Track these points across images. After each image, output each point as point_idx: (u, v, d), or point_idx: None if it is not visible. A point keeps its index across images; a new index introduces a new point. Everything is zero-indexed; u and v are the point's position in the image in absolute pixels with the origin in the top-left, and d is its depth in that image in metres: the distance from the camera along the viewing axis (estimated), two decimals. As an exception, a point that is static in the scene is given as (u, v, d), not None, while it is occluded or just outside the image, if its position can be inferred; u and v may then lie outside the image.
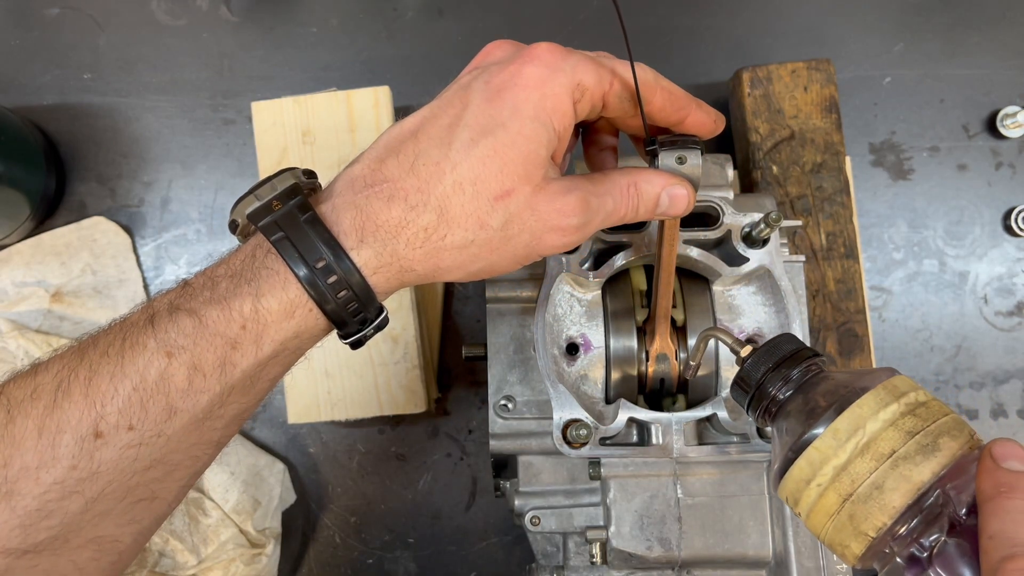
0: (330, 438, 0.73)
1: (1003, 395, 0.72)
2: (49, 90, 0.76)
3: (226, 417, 0.39)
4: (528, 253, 0.41)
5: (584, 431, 0.48)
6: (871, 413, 0.37)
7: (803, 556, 0.49)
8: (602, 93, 0.41)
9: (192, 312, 0.37)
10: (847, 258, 0.67)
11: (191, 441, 0.38)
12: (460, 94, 0.40)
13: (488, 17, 0.76)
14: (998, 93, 0.74)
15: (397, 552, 0.72)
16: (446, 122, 0.39)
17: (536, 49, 0.40)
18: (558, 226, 0.40)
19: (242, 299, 0.37)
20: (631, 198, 0.42)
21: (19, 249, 0.72)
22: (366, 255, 0.38)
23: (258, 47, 0.76)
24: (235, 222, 0.41)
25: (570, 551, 0.54)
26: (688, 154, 0.42)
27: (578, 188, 0.40)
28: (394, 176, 0.39)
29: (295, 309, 0.38)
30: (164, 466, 0.38)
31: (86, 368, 0.36)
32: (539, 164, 0.39)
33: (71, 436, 0.35)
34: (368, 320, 0.40)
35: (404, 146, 0.39)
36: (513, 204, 0.39)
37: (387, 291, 0.40)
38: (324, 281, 0.38)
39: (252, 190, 0.40)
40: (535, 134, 0.38)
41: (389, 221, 0.38)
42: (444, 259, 0.39)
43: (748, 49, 0.75)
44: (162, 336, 0.37)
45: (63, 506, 0.36)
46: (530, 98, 0.39)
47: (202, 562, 0.66)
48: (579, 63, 0.40)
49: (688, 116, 0.43)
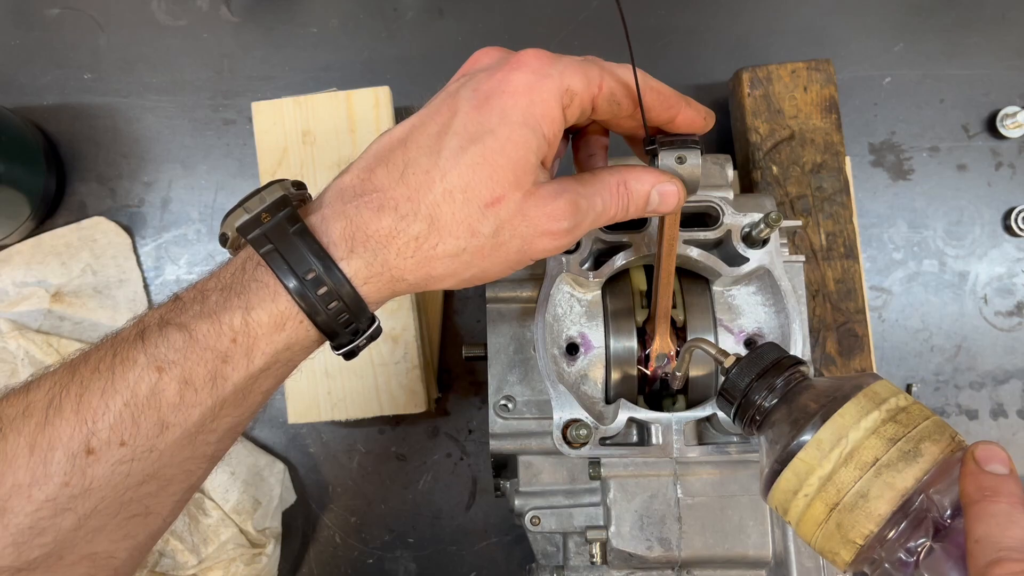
0: (330, 438, 0.73)
1: (1003, 395, 0.72)
2: (49, 90, 0.76)
3: (219, 431, 0.39)
4: (520, 258, 0.41)
5: (584, 431, 0.48)
6: (853, 422, 0.37)
7: (803, 556, 0.50)
8: (591, 97, 0.40)
9: (182, 326, 0.37)
10: (847, 258, 0.67)
11: (184, 455, 0.38)
12: (448, 101, 0.40)
13: (488, 17, 0.76)
14: (998, 93, 0.74)
15: (397, 552, 0.72)
16: (435, 130, 0.39)
17: (523, 56, 0.39)
18: (548, 230, 0.40)
19: (232, 312, 0.37)
20: (620, 197, 0.42)
21: (19, 249, 0.72)
22: (356, 265, 0.38)
23: (258, 47, 0.76)
24: (225, 235, 0.40)
25: (570, 551, 0.54)
26: (687, 153, 0.42)
27: (567, 191, 0.40)
28: (384, 185, 0.38)
29: (285, 321, 0.38)
30: (157, 481, 0.38)
31: (77, 384, 0.36)
32: (529, 170, 0.39)
33: (63, 453, 0.35)
34: (360, 331, 0.40)
35: (393, 155, 0.39)
36: (504, 211, 0.38)
37: (378, 301, 0.40)
38: (314, 292, 0.37)
39: (241, 203, 0.39)
40: (524, 140, 0.38)
41: (379, 231, 0.38)
42: (436, 267, 0.39)
43: (748, 49, 0.75)
44: (152, 351, 0.36)
45: (56, 523, 0.35)
46: (518, 104, 0.38)
47: (202, 562, 0.66)
48: (567, 68, 0.39)
49: (679, 114, 0.43)
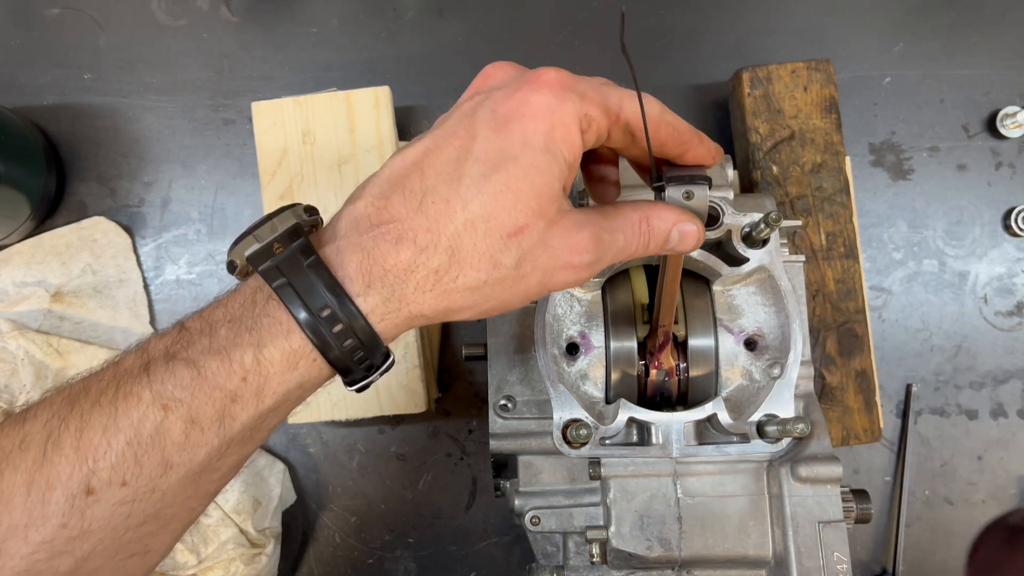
0: (330, 438, 0.73)
1: (1003, 395, 0.72)
2: (49, 90, 0.76)
3: (223, 469, 0.38)
4: (540, 290, 0.39)
5: (584, 431, 0.48)
6: None
7: (803, 556, 0.49)
8: (608, 125, 0.39)
9: (190, 362, 0.35)
10: (847, 258, 0.67)
11: (187, 494, 0.37)
12: (465, 123, 0.38)
13: (488, 17, 0.76)
14: (998, 93, 0.74)
15: (397, 552, 0.72)
16: (453, 155, 0.37)
17: (543, 76, 0.38)
18: (570, 263, 0.39)
19: (243, 349, 0.36)
20: (643, 234, 0.41)
21: (19, 249, 0.72)
22: (373, 301, 0.36)
23: (258, 47, 0.76)
24: (233, 263, 0.38)
25: (570, 551, 0.54)
26: (695, 189, 0.42)
27: (591, 223, 0.39)
28: (401, 215, 0.36)
29: (299, 360, 0.36)
30: (158, 521, 0.36)
31: (77, 418, 0.35)
32: (552, 197, 0.37)
33: (61, 493, 0.34)
34: (374, 367, 0.39)
35: (409, 180, 0.37)
36: (526, 241, 0.37)
37: (394, 336, 0.39)
38: (329, 330, 0.36)
39: (251, 230, 0.38)
40: (548, 166, 0.37)
41: (398, 265, 0.36)
42: (456, 301, 0.37)
43: (748, 49, 0.75)
44: (158, 387, 0.35)
45: (52, 566, 0.34)
46: (540, 128, 0.37)
47: (202, 562, 0.66)
48: (587, 92, 0.38)
49: (690, 151, 0.42)
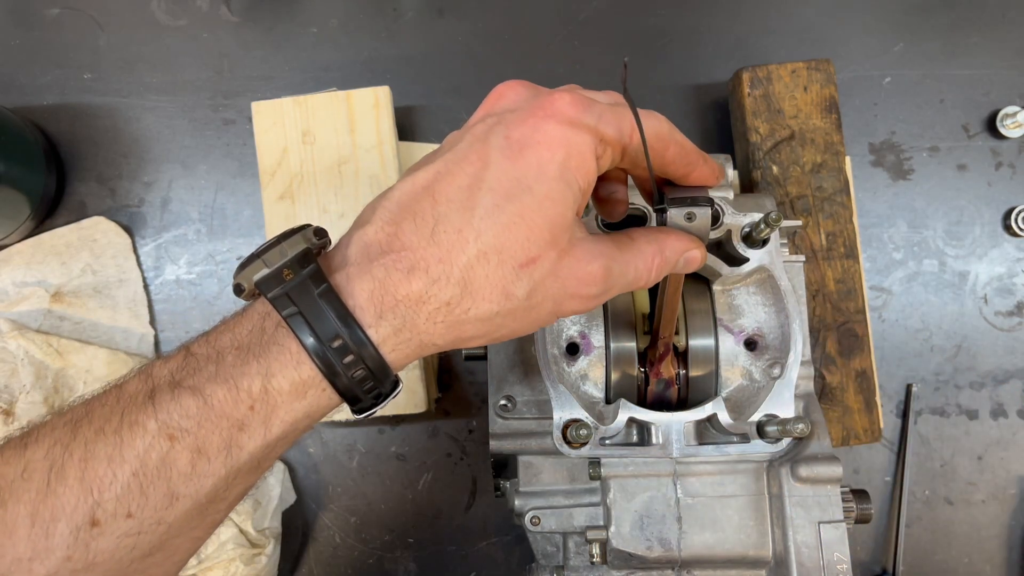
0: (330, 438, 0.73)
1: (1003, 395, 0.72)
2: (49, 90, 0.76)
3: (230, 499, 0.37)
4: (550, 318, 0.39)
5: (584, 431, 0.48)
6: None
7: (803, 556, 0.49)
8: (622, 148, 0.39)
9: (196, 390, 0.35)
10: (847, 258, 0.67)
11: (192, 525, 0.36)
12: (477, 147, 0.37)
13: (488, 17, 0.76)
14: (998, 93, 0.74)
15: (397, 552, 0.72)
16: (465, 182, 0.36)
17: (557, 100, 0.37)
18: (578, 294, 0.39)
19: (251, 378, 0.35)
20: (656, 268, 0.41)
21: (19, 249, 0.72)
22: (384, 332, 0.36)
23: (258, 47, 0.76)
24: (240, 286, 0.38)
25: (570, 551, 0.54)
26: (697, 211, 0.42)
27: (603, 255, 0.39)
28: (413, 244, 0.36)
29: (307, 389, 0.36)
30: (164, 552, 0.36)
31: (80, 447, 0.34)
32: (565, 227, 0.37)
33: (66, 525, 0.33)
34: (383, 395, 0.38)
35: (420, 206, 0.37)
36: (538, 272, 0.37)
37: (404, 365, 0.38)
38: (339, 361, 0.35)
39: (259, 253, 0.37)
40: (562, 196, 0.36)
41: (409, 295, 0.36)
42: (467, 331, 0.37)
43: (748, 49, 0.75)
44: (164, 417, 0.34)
45: None
46: (555, 157, 0.36)
47: (202, 562, 0.66)
48: (601, 117, 0.38)
49: (694, 172, 0.42)
